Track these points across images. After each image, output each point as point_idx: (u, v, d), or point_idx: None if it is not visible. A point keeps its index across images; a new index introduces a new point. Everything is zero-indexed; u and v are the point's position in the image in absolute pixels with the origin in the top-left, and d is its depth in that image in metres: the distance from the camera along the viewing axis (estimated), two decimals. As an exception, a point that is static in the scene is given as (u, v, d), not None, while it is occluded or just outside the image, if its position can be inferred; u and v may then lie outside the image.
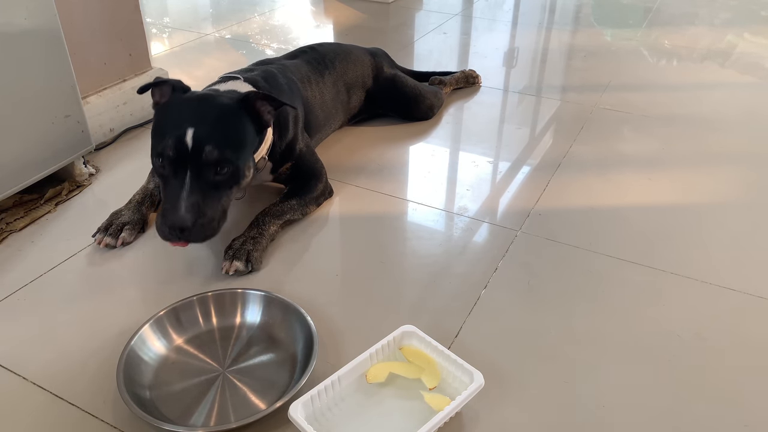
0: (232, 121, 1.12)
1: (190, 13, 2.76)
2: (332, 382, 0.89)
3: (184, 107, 1.12)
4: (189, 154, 1.06)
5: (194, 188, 1.07)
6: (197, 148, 1.06)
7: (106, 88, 1.62)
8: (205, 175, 1.08)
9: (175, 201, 1.05)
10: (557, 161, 1.58)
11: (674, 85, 2.04)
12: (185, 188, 1.06)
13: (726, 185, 1.48)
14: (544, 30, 2.60)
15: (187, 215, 1.04)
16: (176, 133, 1.07)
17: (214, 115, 1.11)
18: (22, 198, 1.36)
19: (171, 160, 1.07)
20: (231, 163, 1.09)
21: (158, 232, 1.07)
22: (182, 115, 1.10)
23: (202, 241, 1.10)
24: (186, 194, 1.06)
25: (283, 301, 1.04)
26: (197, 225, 1.06)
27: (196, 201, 1.06)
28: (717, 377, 0.97)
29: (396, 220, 1.35)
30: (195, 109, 1.11)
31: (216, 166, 1.08)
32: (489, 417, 0.90)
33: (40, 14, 1.25)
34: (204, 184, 1.08)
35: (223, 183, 1.10)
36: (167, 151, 1.06)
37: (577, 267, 1.21)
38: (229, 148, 1.09)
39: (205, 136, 1.07)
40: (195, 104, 1.13)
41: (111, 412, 0.90)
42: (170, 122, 1.10)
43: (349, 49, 1.67)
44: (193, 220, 1.05)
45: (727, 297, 1.14)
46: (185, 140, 1.06)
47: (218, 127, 1.10)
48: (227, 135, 1.10)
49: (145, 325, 0.99)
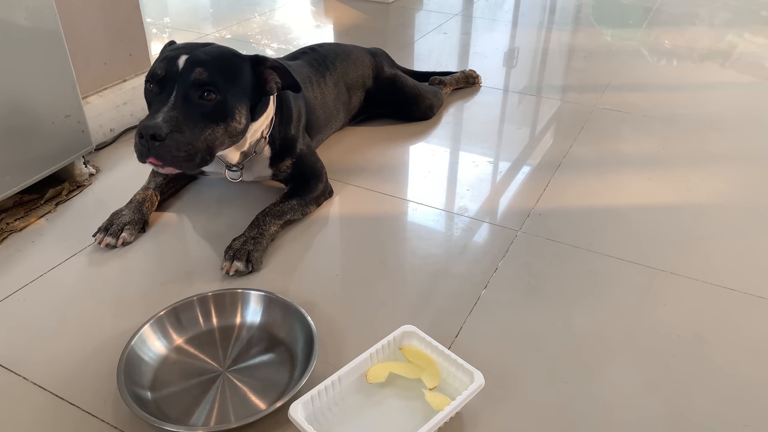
0: (231, 59, 1.14)
1: (190, 13, 2.76)
2: (332, 382, 0.89)
3: (185, 45, 1.17)
4: (178, 74, 1.07)
5: (178, 105, 1.06)
6: (188, 69, 1.07)
7: (106, 88, 1.62)
8: (192, 98, 1.07)
9: (156, 112, 1.04)
10: (557, 161, 1.58)
11: (674, 85, 2.04)
12: (169, 103, 1.06)
13: (726, 185, 1.48)
14: (544, 30, 2.61)
15: (163, 124, 1.02)
16: (170, 58, 1.09)
17: (214, 49, 1.14)
18: (22, 198, 1.36)
19: (159, 78, 1.08)
20: (219, 92, 1.08)
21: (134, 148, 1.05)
22: (181, 47, 1.14)
23: (173, 165, 1.06)
24: (168, 108, 1.05)
25: (283, 301, 1.05)
26: (172, 139, 1.03)
27: (177, 116, 1.05)
28: (717, 377, 0.97)
29: (396, 220, 1.35)
30: (196, 45, 1.15)
31: (203, 88, 1.07)
32: (489, 417, 0.90)
33: (40, 14, 1.25)
34: (190, 106, 1.07)
35: (209, 113, 1.09)
36: (157, 71, 1.08)
37: (577, 267, 1.21)
38: (221, 77, 1.09)
39: (196, 60, 1.09)
40: (199, 44, 1.17)
41: (111, 412, 0.90)
42: (167, 53, 1.13)
43: (349, 49, 1.68)
44: (168, 130, 1.02)
45: (727, 297, 1.14)
46: (177, 62, 1.08)
47: (214, 57, 1.12)
48: (221, 66, 1.11)
49: (146, 325, 0.99)
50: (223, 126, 1.12)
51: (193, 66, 1.08)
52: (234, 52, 1.18)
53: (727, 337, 1.05)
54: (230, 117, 1.12)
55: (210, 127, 1.10)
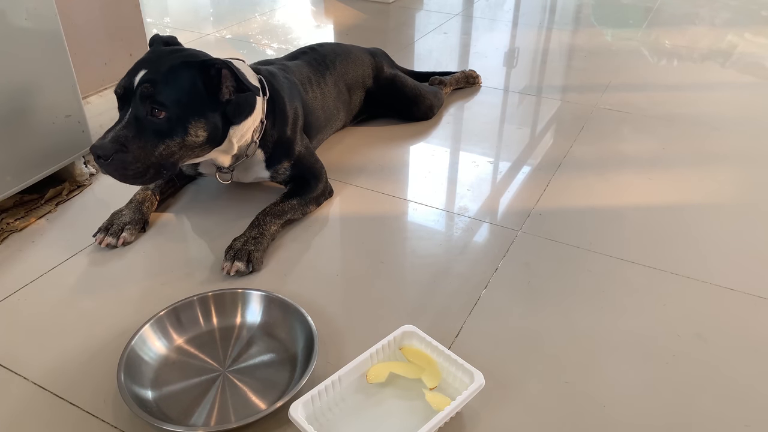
0: (181, 70, 1.13)
1: (190, 13, 2.76)
2: (332, 382, 0.89)
3: (152, 55, 1.17)
4: (132, 92, 1.11)
5: (129, 125, 1.10)
6: (138, 86, 1.10)
7: (106, 88, 1.62)
8: (141, 113, 1.10)
9: (109, 130, 1.09)
10: (557, 161, 1.58)
11: (674, 85, 2.04)
12: (122, 122, 1.10)
13: (726, 185, 1.48)
14: (544, 30, 2.60)
15: (109, 144, 1.07)
16: (131, 74, 1.12)
17: (167, 61, 1.14)
18: (22, 198, 1.36)
19: (120, 97, 1.12)
20: (167, 108, 1.10)
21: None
22: (144, 60, 1.15)
23: (123, 181, 1.11)
24: (120, 126, 1.09)
25: (283, 301, 1.05)
26: (116, 159, 1.08)
27: (126, 135, 1.09)
28: (717, 377, 0.97)
29: (396, 220, 1.35)
30: (156, 56, 1.16)
31: (151, 105, 1.09)
32: (489, 417, 0.90)
33: (41, 14, 1.25)
34: (143, 124, 1.10)
35: (160, 130, 1.11)
36: (117, 89, 1.13)
37: (578, 267, 1.21)
38: (168, 93, 1.10)
39: (148, 79, 1.10)
40: (159, 52, 1.18)
41: (111, 411, 0.90)
42: (134, 66, 1.15)
43: (349, 49, 1.67)
44: (113, 151, 1.07)
45: (727, 297, 1.14)
46: (134, 78, 1.11)
47: (166, 73, 1.12)
48: (169, 81, 1.11)
49: (146, 325, 0.99)
50: (177, 141, 1.13)
51: (141, 82, 1.10)
52: (186, 61, 1.14)
53: (727, 337, 1.05)
54: (183, 132, 1.13)
55: (164, 143, 1.12)
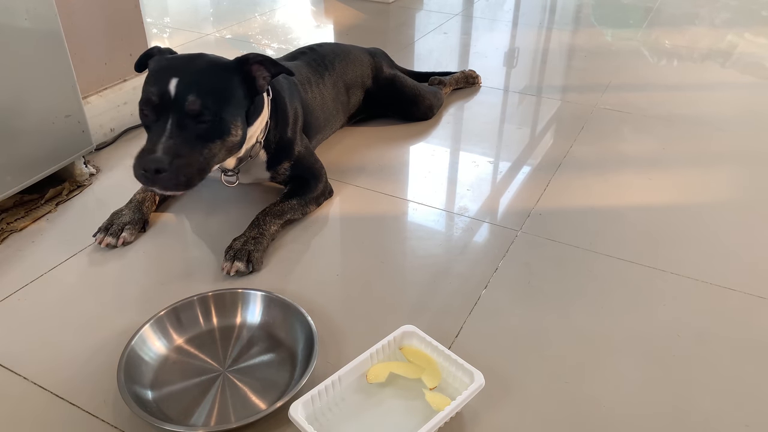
0: (218, 74, 1.14)
1: (190, 13, 2.76)
2: (332, 382, 0.89)
3: (171, 61, 1.16)
4: (172, 102, 1.08)
5: (175, 134, 1.07)
6: (180, 97, 1.08)
7: (106, 88, 1.62)
8: (187, 123, 1.08)
9: (153, 144, 1.06)
10: (558, 161, 1.58)
11: (675, 85, 2.04)
12: (166, 133, 1.07)
13: (726, 185, 1.48)
14: (544, 30, 2.60)
15: (164, 156, 1.04)
16: (161, 82, 1.09)
17: (200, 66, 1.13)
18: (22, 198, 1.36)
19: (154, 107, 1.09)
20: (213, 114, 1.09)
21: (134, 173, 1.07)
22: (169, 67, 1.13)
23: (175, 190, 1.08)
24: (165, 138, 1.06)
25: (283, 301, 1.05)
26: (173, 167, 1.05)
27: (174, 144, 1.06)
28: (717, 377, 0.97)
29: (396, 220, 1.35)
30: (182, 62, 1.14)
31: (198, 114, 1.08)
32: (489, 417, 0.90)
33: (40, 14, 1.25)
34: (186, 132, 1.08)
35: (205, 134, 1.10)
36: (152, 98, 1.08)
37: (578, 267, 1.21)
38: (212, 98, 1.10)
39: (187, 84, 1.08)
40: (183, 58, 1.16)
41: (111, 412, 0.90)
42: (156, 74, 1.12)
43: (348, 49, 1.67)
44: (168, 161, 1.04)
45: (727, 297, 1.14)
46: (168, 88, 1.08)
47: (202, 77, 1.11)
48: (211, 85, 1.11)
49: (146, 325, 0.99)
50: (220, 142, 1.13)
51: (185, 92, 1.08)
52: (220, 63, 1.16)
53: (727, 337, 1.05)
54: (226, 132, 1.13)
55: (207, 146, 1.11)
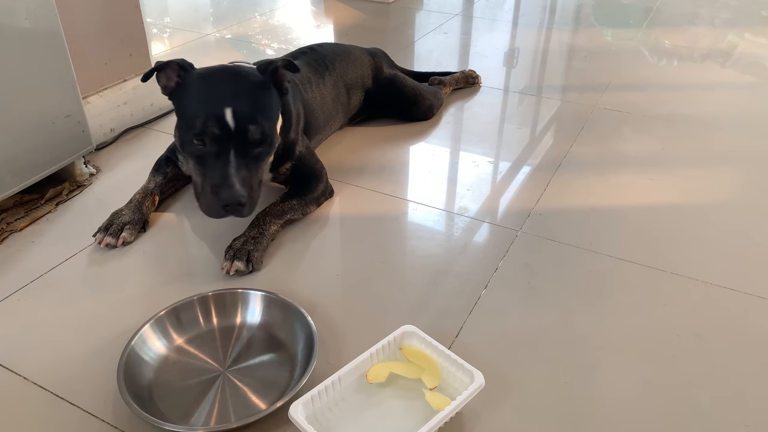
0: (263, 93, 1.16)
1: (190, 13, 2.76)
2: (332, 382, 0.89)
3: (211, 82, 1.15)
4: (232, 133, 1.10)
5: (240, 164, 1.11)
6: (240, 127, 1.10)
7: (106, 88, 1.62)
8: (248, 151, 1.12)
9: (225, 178, 1.09)
10: (558, 161, 1.58)
11: (675, 85, 2.04)
12: (232, 165, 1.10)
13: (726, 185, 1.48)
14: (544, 30, 2.60)
15: (242, 189, 1.09)
16: (215, 112, 1.09)
17: (248, 89, 1.14)
18: (22, 198, 1.36)
19: (214, 138, 1.10)
20: (268, 137, 1.14)
21: (206, 210, 1.12)
22: (212, 90, 1.13)
23: (249, 215, 1.14)
24: (234, 171, 1.10)
25: (283, 301, 1.05)
26: (250, 199, 1.11)
27: (245, 176, 1.11)
28: (717, 377, 0.97)
29: (396, 220, 1.35)
30: (225, 84, 1.14)
31: (257, 140, 1.12)
32: (489, 417, 0.90)
33: (40, 14, 1.25)
34: (246, 158, 1.12)
35: (259, 155, 1.15)
36: (211, 130, 1.09)
37: (578, 267, 1.21)
38: (267, 122, 1.14)
39: (245, 113, 1.10)
40: (222, 78, 1.15)
41: (111, 412, 0.90)
42: (202, 100, 1.12)
43: (348, 49, 1.67)
44: (247, 194, 1.10)
45: (727, 297, 1.14)
46: (226, 119, 1.09)
47: (255, 102, 1.13)
48: (264, 109, 1.15)
49: (146, 325, 0.99)
50: (267, 158, 1.19)
51: (244, 122, 1.10)
52: (261, 81, 1.17)
53: (727, 337, 1.05)
54: (272, 148, 1.19)
55: (261, 166, 1.17)
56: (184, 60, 1.17)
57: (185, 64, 1.16)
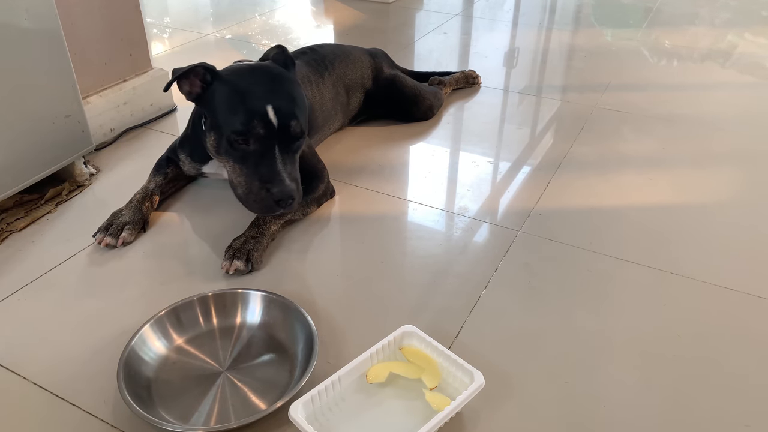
0: (296, 88, 1.20)
1: (190, 13, 2.76)
2: (332, 382, 0.89)
3: (245, 82, 1.15)
4: (275, 130, 1.12)
5: (286, 160, 1.14)
6: (283, 123, 1.12)
7: (106, 88, 1.62)
8: (290, 146, 1.15)
9: (275, 174, 1.12)
10: (558, 161, 1.58)
11: (675, 85, 2.04)
12: (278, 161, 1.13)
13: (726, 185, 1.48)
14: (544, 30, 2.61)
15: (293, 184, 1.13)
16: (257, 110, 1.11)
17: (282, 85, 1.17)
18: (22, 198, 1.36)
19: (259, 137, 1.12)
20: (305, 132, 1.17)
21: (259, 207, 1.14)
22: (251, 89, 1.14)
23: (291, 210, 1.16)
24: (282, 167, 1.13)
25: (283, 301, 1.04)
26: (299, 193, 1.15)
27: (291, 170, 1.15)
28: (717, 377, 0.97)
29: (396, 220, 1.35)
30: (261, 83, 1.16)
31: (299, 137, 1.15)
32: (489, 417, 0.90)
33: (40, 14, 1.25)
34: (289, 154, 1.16)
35: (297, 150, 1.18)
36: (257, 129, 1.11)
37: (578, 267, 1.21)
38: (303, 116, 1.17)
39: (286, 110, 1.13)
40: (256, 77, 1.16)
41: (111, 412, 0.90)
42: (241, 100, 1.13)
43: (348, 50, 1.67)
44: (297, 187, 1.14)
45: (727, 297, 1.14)
46: (269, 117, 1.11)
47: (291, 97, 1.16)
48: (300, 104, 1.17)
49: (146, 325, 0.99)
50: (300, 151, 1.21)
51: (287, 119, 1.13)
52: (290, 77, 1.20)
53: (727, 337, 1.05)
54: (305, 141, 1.21)
55: (297, 159, 1.19)
56: (207, 63, 1.16)
57: (210, 68, 1.16)
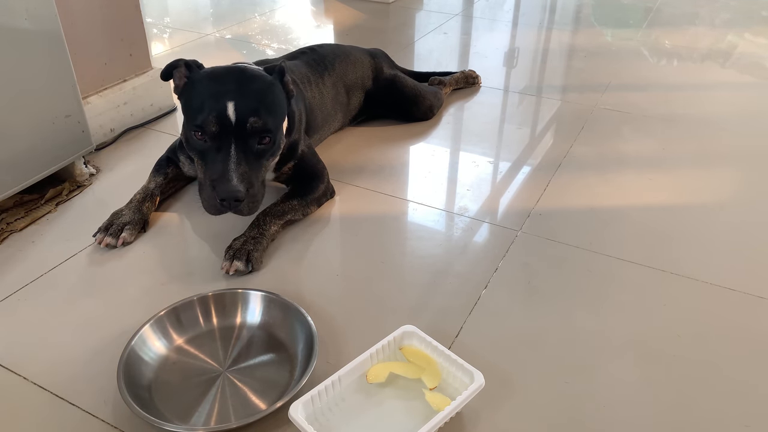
0: (271, 90, 1.15)
1: (190, 13, 2.76)
2: (332, 382, 0.89)
3: (215, 79, 1.14)
4: (233, 126, 1.08)
5: (240, 159, 1.09)
6: (241, 120, 1.08)
7: (106, 88, 1.62)
8: (249, 145, 1.10)
9: (224, 172, 1.08)
10: (558, 161, 1.58)
11: (675, 85, 2.04)
12: (232, 159, 1.08)
13: (726, 185, 1.48)
14: (544, 30, 2.61)
15: (240, 185, 1.07)
16: (217, 106, 1.08)
17: (252, 84, 1.13)
18: (22, 198, 1.36)
19: (214, 133, 1.09)
20: (272, 133, 1.12)
21: (206, 206, 1.10)
22: (217, 87, 1.12)
23: (250, 213, 1.12)
24: (234, 165, 1.08)
25: (283, 301, 1.05)
26: (249, 195, 1.09)
27: (245, 171, 1.09)
28: (717, 377, 0.97)
29: (396, 220, 1.35)
30: (230, 80, 1.13)
31: (260, 136, 1.10)
32: (489, 417, 0.90)
33: (41, 14, 1.25)
34: (248, 154, 1.10)
35: (263, 152, 1.13)
36: (210, 126, 1.08)
37: (578, 267, 1.21)
38: (271, 117, 1.12)
39: (247, 107, 1.09)
40: (228, 75, 1.15)
41: (111, 412, 0.90)
42: (205, 96, 1.11)
43: (348, 50, 1.67)
44: (245, 189, 1.08)
45: (727, 297, 1.14)
46: (227, 113, 1.08)
47: (258, 97, 1.12)
48: (267, 104, 1.13)
49: (146, 325, 0.99)
50: (272, 158, 1.17)
51: (246, 115, 1.09)
52: (266, 78, 1.16)
53: (727, 337, 1.05)
54: (278, 147, 1.17)
55: (264, 164, 1.15)
56: (195, 60, 1.19)
57: (191, 63, 1.17)
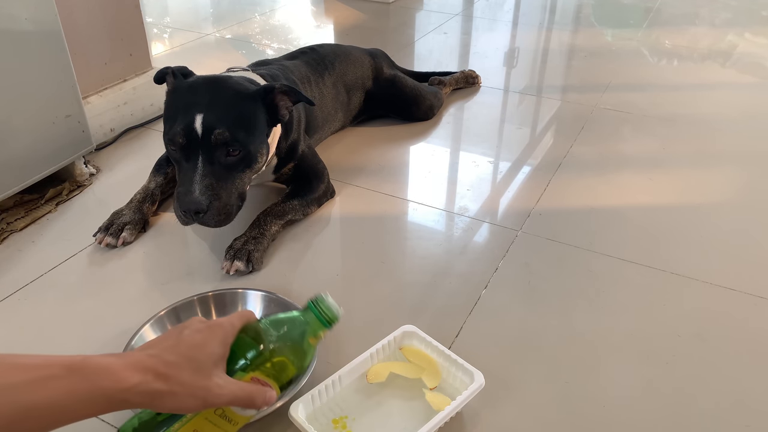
0: (243, 104, 1.13)
1: (190, 13, 2.77)
2: (332, 382, 0.89)
3: (192, 91, 1.13)
4: (200, 139, 1.08)
5: (207, 171, 1.08)
6: (207, 133, 1.07)
7: (106, 88, 1.62)
8: (217, 157, 1.09)
9: (189, 184, 1.07)
10: (558, 161, 1.58)
11: (675, 85, 2.04)
12: (198, 171, 1.07)
13: (726, 185, 1.48)
14: (544, 30, 2.61)
15: (202, 197, 1.06)
16: (185, 119, 1.08)
17: (224, 97, 1.12)
18: (22, 198, 1.36)
19: (182, 146, 1.08)
20: (242, 145, 1.10)
21: (176, 215, 1.09)
22: (191, 98, 1.11)
23: (217, 226, 1.10)
24: (199, 177, 1.07)
25: (283, 301, 1.04)
26: (212, 208, 1.07)
27: (210, 183, 1.08)
28: (717, 377, 0.97)
29: (396, 220, 1.35)
30: (204, 92, 1.12)
31: (227, 148, 1.09)
32: (490, 417, 0.90)
33: (41, 14, 1.25)
34: (217, 167, 1.09)
35: (235, 165, 1.11)
36: (177, 138, 1.08)
37: (578, 267, 1.21)
38: (241, 130, 1.10)
39: (214, 119, 1.08)
40: (204, 87, 1.14)
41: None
42: (179, 107, 1.11)
43: (348, 50, 1.67)
44: (207, 202, 1.06)
45: (727, 297, 1.14)
46: (194, 126, 1.07)
47: (228, 109, 1.10)
48: (237, 117, 1.11)
49: (146, 325, 0.99)
50: (249, 171, 1.14)
51: (211, 128, 1.07)
52: (243, 93, 1.13)
53: (727, 337, 1.05)
54: (255, 160, 1.14)
55: (239, 177, 1.13)
56: (184, 67, 1.18)
57: (176, 71, 1.17)
